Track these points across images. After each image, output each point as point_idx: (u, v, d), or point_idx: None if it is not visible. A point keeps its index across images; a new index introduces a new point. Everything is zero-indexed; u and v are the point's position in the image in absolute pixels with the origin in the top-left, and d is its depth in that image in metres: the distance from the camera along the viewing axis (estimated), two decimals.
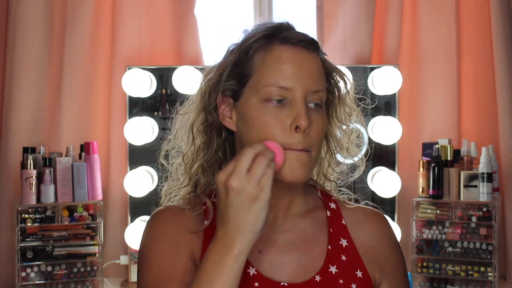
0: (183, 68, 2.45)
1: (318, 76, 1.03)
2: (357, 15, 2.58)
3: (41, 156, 2.31)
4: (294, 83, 1.00)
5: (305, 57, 1.03)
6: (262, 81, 1.02)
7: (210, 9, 2.70)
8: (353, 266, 1.07)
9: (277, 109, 1.01)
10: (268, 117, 1.00)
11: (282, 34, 1.04)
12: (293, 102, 1.00)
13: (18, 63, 2.42)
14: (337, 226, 1.10)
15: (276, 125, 1.00)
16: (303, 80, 1.01)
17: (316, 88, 1.02)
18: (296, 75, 1.01)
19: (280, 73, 1.01)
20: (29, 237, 2.24)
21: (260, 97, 1.02)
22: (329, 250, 1.07)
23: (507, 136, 2.44)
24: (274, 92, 1.01)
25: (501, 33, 2.44)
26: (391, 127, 2.45)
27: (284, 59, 1.02)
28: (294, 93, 1.00)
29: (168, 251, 1.03)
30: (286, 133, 0.99)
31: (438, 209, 2.34)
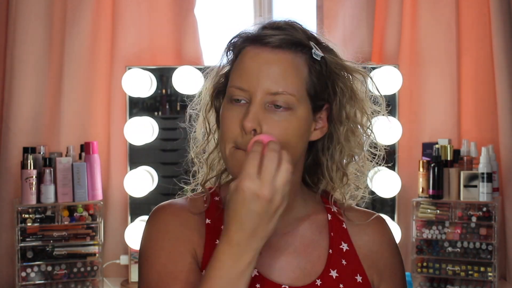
0: (183, 68, 2.45)
1: (280, 77, 1.00)
2: (357, 15, 2.58)
3: (41, 156, 2.31)
4: (250, 84, 1.00)
5: (269, 57, 1.01)
6: (230, 81, 1.03)
7: (210, 9, 2.70)
8: (353, 271, 1.06)
9: (237, 109, 1.01)
10: (228, 116, 1.02)
11: (255, 34, 1.04)
12: (249, 103, 1.00)
13: (18, 63, 2.42)
14: (338, 230, 1.10)
15: (232, 124, 1.00)
16: (261, 81, 0.99)
17: (275, 90, 0.99)
18: (253, 76, 1.00)
19: (241, 73, 1.01)
20: (29, 237, 2.24)
21: (227, 97, 1.03)
22: (330, 254, 1.06)
23: (507, 136, 2.44)
24: (234, 92, 1.01)
25: (501, 33, 2.44)
26: (391, 127, 2.45)
27: (246, 59, 1.02)
28: (250, 94, 1.00)
29: (170, 249, 1.02)
30: (240, 134, 0.99)
31: (438, 209, 2.34)
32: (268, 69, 1.00)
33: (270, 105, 1.00)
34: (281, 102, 1.00)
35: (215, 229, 1.05)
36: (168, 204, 1.08)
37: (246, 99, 1.00)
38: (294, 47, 1.03)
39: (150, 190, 2.45)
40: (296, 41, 1.03)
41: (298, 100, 1.01)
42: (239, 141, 0.99)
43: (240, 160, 0.97)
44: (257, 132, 0.98)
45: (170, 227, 1.04)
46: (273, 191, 0.89)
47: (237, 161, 0.99)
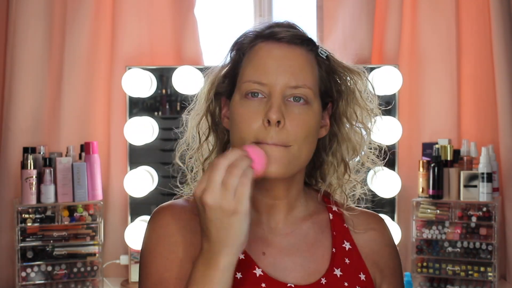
0: (183, 68, 2.45)
1: (299, 71, 1.01)
2: (357, 15, 2.58)
3: (41, 156, 2.31)
4: (270, 77, 1.00)
5: (286, 52, 1.02)
6: (243, 77, 1.02)
7: (210, 9, 2.70)
8: (357, 269, 1.07)
9: (255, 104, 1.00)
10: (244, 111, 1.00)
11: (268, 31, 1.04)
12: (269, 97, 0.99)
13: (18, 63, 2.42)
14: (340, 229, 1.10)
15: (252, 119, 0.99)
16: (280, 74, 1.00)
17: (295, 83, 1.00)
18: (272, 70, 1.00)
19: (257, 68, 1.01)
20: (29, 237, 2.24)
21: (240, 92, 1.02)
22: (333, 253, 1.07)
23: (507, 136, 2.44)
24: (251, 87, 1.00)
25: (501, 33, 2.44)
26: (391, 127, 2.45)
27: (262, 54, 1.02)
28: (270, 87, 0.99)
29: (169, 256, 1.01)
30: (260, 128, 0.98)
31: (438, 209, 2.34)
32: (287, 63, 1.01)
33: (289, 98, 1.00)
34: (301, 95, 1.00)
35: None
36: (169, 206, 1.08)
37: (264, 93, 1.00)
38: (305, 44, 1.04)
39: (150, 190, 2.45)
40: (306, 38, 1.05)
41: (314, 95, 1.02)
42: (261, 135, 0.98)
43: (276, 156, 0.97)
44: (281, 125, 0.98)
45: (170, 231, 1.03)
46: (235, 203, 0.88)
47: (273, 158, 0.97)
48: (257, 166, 0.92)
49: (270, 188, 1.05)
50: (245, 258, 1.02)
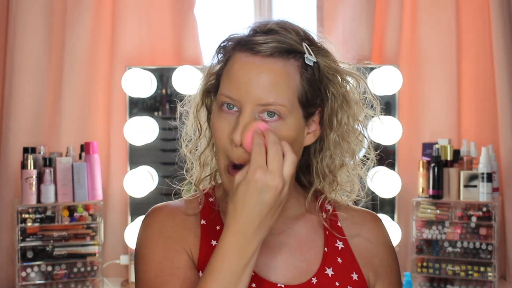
0: (183, 68, 2.45)
1: (271, 88, 0.97)
2: (357, 15, 2.58)
3: (41, 156, 2.31)
4: (241, 93, 0.97)
5: (260, 67, 0.97)
6: (220, 89, 1.01)
7: (210, 9, 2.70)
8: (349, 268, 1.06)
9: (229, 117, 0.99)
10: (219, 126, 1.00)
11: (247, 39, 1.01)
12: (240, 113, 0.98)
13: (18, 63, 2.42)
14: (333, 228, 1.10)
15: (223, 134, 0.99)
16: (250, 91, 0.97)
17: (266, 101, 0.97)
18: (243, 86, 0.97)
19: (230, 81, 0.99)
20: (29, 237, 2.24)
21: (217, 103, 1.02)
22: (325, 253, 1.06)
23: (507, 136, 2.44)
24: (225, 100, 0.99)
25: (501, 33, 2.44)
26: (391, 127, 2.45)
27: (237, 68, 0.99)
28: (240, 103, 0.98)
29: (166, 247, 1.02)
30: (229, 148, 0.99)
31: (438, 209, 2.34)
32: (259, 79, 0.97)
33: (260, 114, 0.98)
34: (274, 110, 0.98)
35: (210, 229, 1.05)
36: (163, 206, 1.09)
37: (237, 107, 0.99)
38: (286, 55, 1.00)
39: (150, 190, 2.45)
40: (288, 48, 1.00)
41: (289, 110, 0.99)
42: (231, 155, 0.99)
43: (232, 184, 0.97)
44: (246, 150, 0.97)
45: (165, 227, 1.04)
46: (283, 182, 0.92)
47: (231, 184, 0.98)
48: None
49: None
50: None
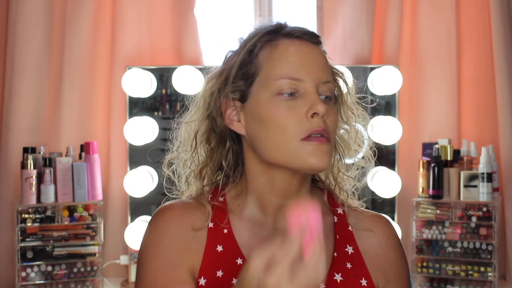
0: (183, 68, 2.45)
1: (326, 67, 1.03)
2: (357, 15, 2.58)
3: (41, 156, 2.31)
4: (305, 73, 0.99)
5: (312, 49, 1.02)
6: (272, 75, 1.00)
7: (210, 9, 2.70)
8: (358, 274, 1.05)
9: (290, 101, 0.99)
10: (281, 109, 0.98)
11: (285, 30, 1.04)
12: (306, 93, 0.99)
13: (18, 63, 2.42)
14: (344, 232, 1.08)
15: (291, 116, 0.98)
16: (313, 70, 1.00)
17: (326, 78, 1.01)
18: (305, 66, 1.00)
19: (290, 65, 1.00)
20: (29, 237, 2.24)
21: (271, 91, 1.00)
22: (335, 258, 1.05)
23: (507, 136, 2.44)
24: (285, 84, 0.99)
25: (501, 33, 2.44)
26: (391, 127, 2.45)
27: (292, 51, 1.01)
28: (305, 83, 0.99)
29: (165, 260, 1.01)
30: (302, 122, 0.98)
31: (438, 209, 2.34)
32: (317, 60, 1.02)
33: (320, 95, 1.01)
34: (330, 92, 1.02)
35: (217, 233, 1.04)
36: (170, 206, 1.07)
37: (298, 91, 0.99)
38: (317, 40, 1.05)
39: (150, 190, 2.45)
40: (318, 36, 1.06)
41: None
42: (305, 128, 0.97)
43: (312, 150, 0.96)
44: (325, 119, 0.98)
45: (168, 234, 1.03)
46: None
47: (310, 152, 0.97)
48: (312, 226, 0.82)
49: (283, 187, 1.04)
50: (243, 263, 0.99)
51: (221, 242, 1.03)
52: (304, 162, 0.97)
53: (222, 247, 1.02)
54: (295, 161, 0.98)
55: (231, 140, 1.09)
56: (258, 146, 1.02)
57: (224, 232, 1.04)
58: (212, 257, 1.01)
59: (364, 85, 1.17)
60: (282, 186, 1.04)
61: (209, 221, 1.05)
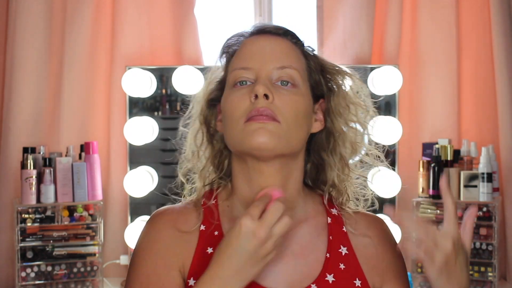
0: (183, 68, 2.45)
1: (285, 54, 1.04)
2: (357, 15, 2.58)
3: (41, 156, 2.31)
4: (254, 61, 1.03)
5: (269, 40, 1.05)
6: (229, 71, 1.06)
7: (210, 9, 2.70)
8: (352, 275, 1.04)
9: (242, 89, 1.02)
10: (232, 97, 1.02)
11: (252, 29, 1.08)
12: (256, 80, 1.02)
13: (18, 63, 2.42)
14: (338, 233, 1.08)
15: (239, 102, 1.01)
16: (264, 57, 1.03)
17: (281, 64, 1.02)
18: (255, 54, 1.03)
19: (242, 56, 1.05)
20: (29, 237, 2.24)
21: (229, 85, 1.04)
22: (327, 258, 1.04)
23: (507, 136, 2.44)
24: (237, 74, 1.03)
25: (501, 33, 2.44)
26: (391, 127, 2.45)
27: (247, 45, 1.06)
28: (256, 71, 1.02)
29: (157, 261, 1.02)
30: (247, 106, 1.00)
31: (438, 209, 2.34)
32: (272, 48, 1.04)
33: (276, 82, 1.02)
34: (288, 77, 1.02)
35: (208, 236, 1.05)
36: (165, 210, 1.09)
37: (251, 80, 1.02)
38: (289, 36, 1.06)
39: (150, 190, 2.45)
40: (291, 32, 1.07)
41: (301, 78, 1.04)
42: (250, 109, 0.99)
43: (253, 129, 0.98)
44: (269, 100, 0.99)
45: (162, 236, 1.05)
46: (268, 235, 0.92)
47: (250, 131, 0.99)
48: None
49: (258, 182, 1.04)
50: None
51: (211, 244, 1.04)
52: (249, 143, 0.99)
53: (212, 249, 1.03)
54: (243, 144, 1.00)
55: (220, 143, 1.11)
56: (226, 140, 1.06)
57: (215, 234, 1.05)
58: (202, 258, 1.02)
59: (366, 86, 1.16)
60: (257, 182, 1.04)
61: (201, 224, 1.06)
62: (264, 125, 0.98)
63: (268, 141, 0.98)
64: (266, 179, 1.04)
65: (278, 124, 0.99)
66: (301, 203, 1.09)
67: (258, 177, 1.04)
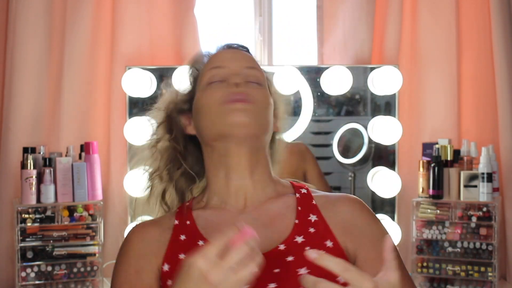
0: (183, 68, 2.45)
1: (251, 59, 1.17)
2: (357, 15, 2.58)
3: (41, 156, 2.31)
4: (226, 61, 1.15)
5: (238, 51, 1.19)
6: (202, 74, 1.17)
7: (210, 9, 2.70)
8: (322, 237, 1.05)
9: (217, 84, 1.12)
10: (209, 91, 1.12)
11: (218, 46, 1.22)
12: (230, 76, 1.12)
13: (18, 63, 2.42)
14: (307, 205, 1.12)
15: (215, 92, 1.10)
16: (235, 59, 1.15)
17: (250, 64, 1.15)
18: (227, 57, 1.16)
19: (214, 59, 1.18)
20: (29, 237, 2.24)
21: (202, 85, 1.14)
22: (296, 224, 1.07)
23: (507, 136, 2.44)
24: (211, 73, 1.14)
25: (501, 33, 2.44)
26: (391, 127, 2.45)
27: (217, 54, 1.20)
28: (228, 69, 1.13)
29: (128, 269, 1.08)
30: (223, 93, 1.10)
31: (438, 209, 2.34)
32: (241, 54, 1.18)
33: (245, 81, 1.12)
34: (255, 78, 1.13)
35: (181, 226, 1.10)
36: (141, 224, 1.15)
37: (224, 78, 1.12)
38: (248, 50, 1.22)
39: None
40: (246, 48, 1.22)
41: (265, 81, 1.15)
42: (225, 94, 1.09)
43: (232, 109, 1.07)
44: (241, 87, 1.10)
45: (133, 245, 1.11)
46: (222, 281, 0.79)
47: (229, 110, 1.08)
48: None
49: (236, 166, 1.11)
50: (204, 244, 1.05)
51: (184, 232, 1.09)
52: (227, 122, 1.07)
53: (185, 236, 1.08)
54: (221, 125, 1.08)
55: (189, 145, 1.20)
56: (200, 133, 1.14)
57: (187, 223, 1.10)
58: (175, 245, 1.07)
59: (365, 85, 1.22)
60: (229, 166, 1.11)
61: (174, 219, 1.12)
62: (240, 105, 1.07)
63: (246, 119, 1.07)
64: (238, 160, 1.11)
65: (252, 105, 1.08)
66: (270, 184, 1.15)
67: (229, 160, 1.11)
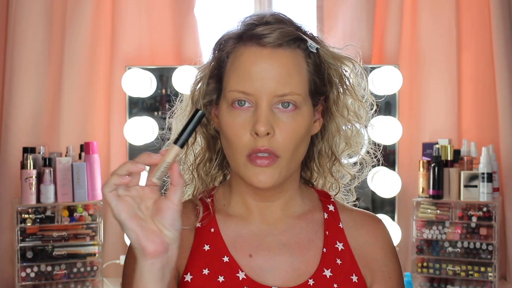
0: (182, 68, 2.45)
1: (286, 78, 0.98)
2: (357, 15, 2.58)
3: (41, 156, 2.31)
4: (255, 86, 0.97)
5: (271, 58, 0.98)
6: (227, 86, 1.01)
7: (210, 9, 2.70)
8: (349, 270, 1.04)
9: (242, 113, 0.99)
10: (233, 122, 0.99)
11: (251, 33, 1.02)
12: (256, 106, 0.98)
13: (18, 63, 2.42)
14: (334, 229, 1.08)
15: (241, 133, 0.98)
16: (266, 83, 0.97)
17: (282, 91, 0.97)
18: (257, 79, 0.97)
19: (241, 77, 0.99)
20: (29, 237, 2.24)
21: (226, 101, 1.01)
22: (324, 253, 1.04)
23: (507, 136, 2.44)
24: (237, 96, 0.98)
25: (501, 33, 2.44)
26: (391, 127, 2.45)
27: (247, 62, 0.99)
28: (255, 97, 0.97)
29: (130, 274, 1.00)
30: (250, 140, 0.98)
31: (438, 209, 2.34)
32: (272, 71, 0.97)
33: (277, 105, 0.98)
34: (289, 100, 0.98)
35: (204, 232, 1.05)
36: None
37: (250, 102, 0.98)
38: (292, 43, 1.01)
39: None
40: (293, 36, 1.01)
41: (303, 99, 1.00)
42: (251, 146, 0.97)
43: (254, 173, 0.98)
44: (270, 135, 0.97)
45: None
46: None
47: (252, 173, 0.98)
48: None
49: (261, 193, 1.05)
50: (229, 261, 1.01)
51: (208, 241, 1.04)
52: (250, 181, 0.99)
53: (209, 246, 1.03)
54: (244, 177, 1.00)
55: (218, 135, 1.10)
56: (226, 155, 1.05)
57: (211, 231, 1.05)
58: (198, 255, 1.02)
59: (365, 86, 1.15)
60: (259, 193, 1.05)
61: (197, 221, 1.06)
62: (264, 169, 0.98)
63: (270, 183, 0.99)
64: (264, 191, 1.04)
65: (277, 161, 0.98)
66: (299, 200, 1.09)
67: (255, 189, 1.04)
